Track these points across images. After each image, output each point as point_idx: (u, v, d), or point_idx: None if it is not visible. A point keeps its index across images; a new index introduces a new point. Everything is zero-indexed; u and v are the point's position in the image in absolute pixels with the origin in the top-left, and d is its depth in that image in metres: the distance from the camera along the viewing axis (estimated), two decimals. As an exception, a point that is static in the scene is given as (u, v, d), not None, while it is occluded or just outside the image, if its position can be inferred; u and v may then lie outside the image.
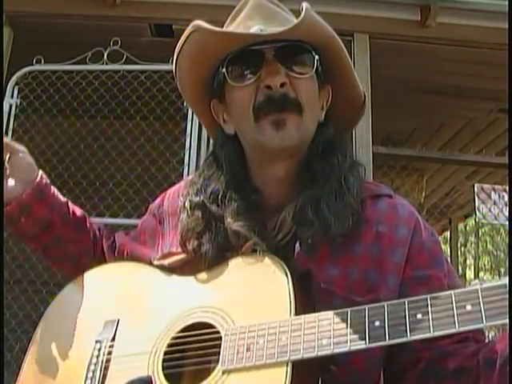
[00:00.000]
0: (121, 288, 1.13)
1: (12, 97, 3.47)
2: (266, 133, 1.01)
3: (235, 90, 1.05)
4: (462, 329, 0.77)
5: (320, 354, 0.82)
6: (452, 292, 0.81)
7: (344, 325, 0.83)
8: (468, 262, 11.29)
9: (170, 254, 1.09)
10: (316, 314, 0.86)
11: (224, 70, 1.05)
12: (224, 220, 1.02)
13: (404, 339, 0.79)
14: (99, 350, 1.02)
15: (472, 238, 11.61)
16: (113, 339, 1.03)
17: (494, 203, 3.93)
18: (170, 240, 1.14)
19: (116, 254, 1.26)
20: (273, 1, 1.11)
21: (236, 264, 1.00)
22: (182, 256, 1.07)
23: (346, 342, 0.81)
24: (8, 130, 3.44)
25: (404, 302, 0.83)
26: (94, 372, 0.99)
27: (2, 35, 3.50)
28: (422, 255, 1.01)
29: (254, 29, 1.04)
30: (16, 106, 3.49)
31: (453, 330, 0.78)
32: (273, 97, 1.01)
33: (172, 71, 1.10)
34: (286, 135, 1.01)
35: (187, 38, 1.04)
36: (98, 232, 1.30)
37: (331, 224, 0.97)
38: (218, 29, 1.03)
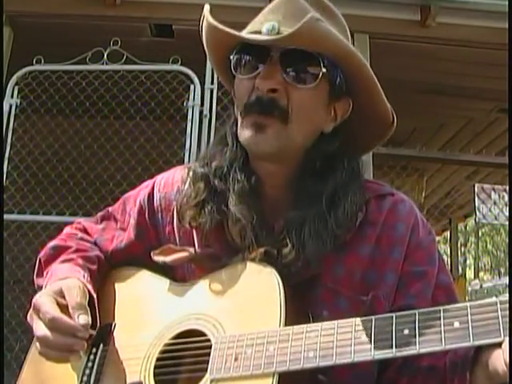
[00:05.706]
0: (118, 293, 1.14)
1: (12, 97, 3.48)
2: (245, 132, 1.01)
3: (238, 79, 1.06)
4: (448, 347, 0.76)
5: (306, 366, 0.82)
6: (441, 308, 0.79)
7: (331, 338, 0.83)
8: (468, 262, 11.31)
9: (171, 250, 1.07)
10: (305, 326, 0.86)
11: (231, 56, 1.05)
12: (227, 197, 1.02)
13: (390, 355, 0.78)
14: (95, 354, 1.03)
15: (472, 238, 11.63)
16: (108, 343, 1.04)
17: (494, 203, 3.94)
18: (167, 235, 1.13)
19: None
20: None
21: (230, 272, 1.00)
22: (185, 254, 1.06)
23: (332, 355, 0.81)
24: (8, 130, 3.44)
25: (392, 317, 0.82)
26: (88, 376, 1.01)
27: (2, 35, 3.50)
28: (419, 252, 1.03)
29: (267, 25, 1.01)
30: (16, 106, 3.49)
31: (439, 348, 0.76)
32: (261, 99, 0.99)
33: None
34: (262, 141, 0.99)
35: (203, 21, 1.05)
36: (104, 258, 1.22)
37: (308, 250, 0.96)
38: (220, 26, 1.02)
